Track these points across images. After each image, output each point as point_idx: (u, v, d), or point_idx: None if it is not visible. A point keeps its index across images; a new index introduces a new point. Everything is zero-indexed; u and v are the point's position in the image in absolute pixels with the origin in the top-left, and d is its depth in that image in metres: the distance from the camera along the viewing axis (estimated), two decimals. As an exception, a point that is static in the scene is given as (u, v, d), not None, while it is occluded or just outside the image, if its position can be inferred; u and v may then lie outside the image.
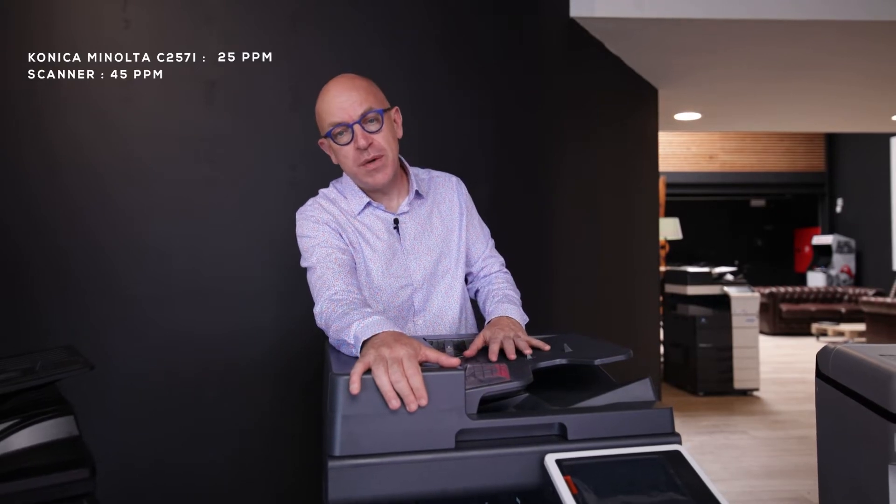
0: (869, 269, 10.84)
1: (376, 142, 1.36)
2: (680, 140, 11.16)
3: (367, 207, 1.45)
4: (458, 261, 1.50)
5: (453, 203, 1.53)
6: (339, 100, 1.35)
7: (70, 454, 1.18)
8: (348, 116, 1.34)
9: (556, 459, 0.87)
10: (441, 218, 1.50)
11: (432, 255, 1.46)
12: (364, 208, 1.44)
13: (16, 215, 2.17)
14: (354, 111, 1.34)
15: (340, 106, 1.34)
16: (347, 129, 1.35)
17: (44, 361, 1.34)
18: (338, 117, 1.35)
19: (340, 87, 1.36)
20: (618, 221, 3.91)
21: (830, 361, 1.22)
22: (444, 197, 1.53)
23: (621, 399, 0.99)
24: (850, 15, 3.23)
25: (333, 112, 1.35)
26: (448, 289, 1.47)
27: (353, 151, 1.36)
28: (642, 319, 4.23)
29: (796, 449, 3.90)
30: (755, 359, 5.53)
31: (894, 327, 6.71)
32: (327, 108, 1.36)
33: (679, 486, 0.84)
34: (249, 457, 2.28)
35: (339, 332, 1.13)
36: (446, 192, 1.54)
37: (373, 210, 1.45)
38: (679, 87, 4.49)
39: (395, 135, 1.43)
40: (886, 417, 1.00)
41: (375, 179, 1.39)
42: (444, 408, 0.89)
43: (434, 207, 1.51)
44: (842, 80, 4.43)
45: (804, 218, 12.92)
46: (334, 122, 1.35)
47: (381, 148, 1.37)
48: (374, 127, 1.36)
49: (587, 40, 3.47)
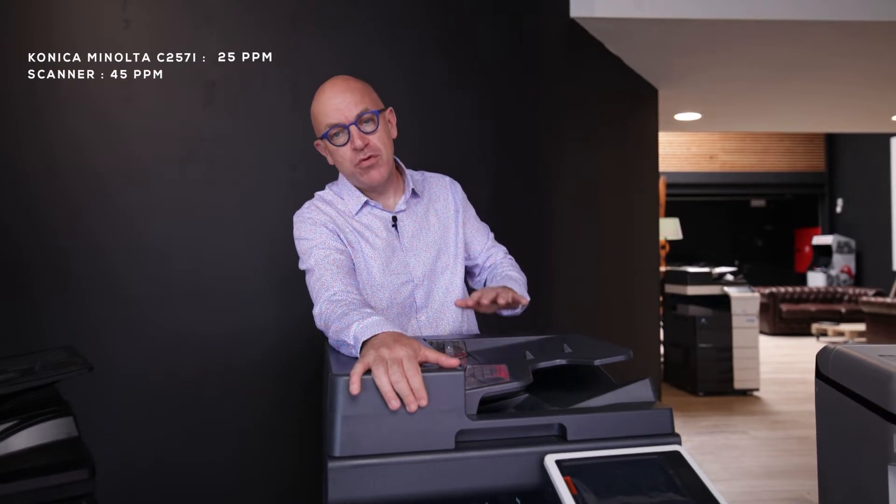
0: (869, 270, 10.84)
1: (372, 142, 1.38)
2: (680, 140, 11.16)
3: (365, 207, 1.47)
4: (456, 257, 1.52)
5: (448, 201, 1.56)
6: (334, 101, 1.37)
7: (69, 455, 1.18)
8: (344, 118, 1.36)
9: (555, 460, 0.87)
10: (437, 216, 1.53)
11: (431, 251, 1.48)
12: (362, 207, 1.46)
13: (15, 215, 2.17)
14: (350, 112, 1.36)
15: (336, 107, 1.36)
16: (344, 130, 1.37)
17: (43, 362, 1.34)
18: (334, 118, 1.37)
19: (335, 88, 1.38)
20: (618, 222, 3.91)
21: (830, 362, 1.22)
22: (438, 195, 1.55)
23: (621, 399, 0.99)
24: (850, 15, 3.23)
25: (329, 113, 1.37)
26: (448, 284, 1.49)
27: (350, 152, 1.38)
28: (642, 319, 4.23)
29: (796, 449, 3.90)
30: (755, 359, 5.53)
31: (894, 327, 6.71)
32: (323, 110, 1.38)
33: (678, 487, 0.84)
34: (249, 457, 2.28)
35: (338, 333, 1.13)
36: (440, 190, 1.56)
37: (370, 209, 1.47)
38: (679, 87, 4.49)
39: (389, 135, 1.45)
40: (886, 418, 1.00)
41: (371, 177, 1.40)
42: (443, 408, 0.89)
43: (430, 206, 1.53)
44: (842, 81, 4.43)
45: (804, 218, 12.92)
46: (330, 124, 1.37)
47: (376, 148, 1.39)
48: (369, 127, 1.38)
49: (587, 40, 3.47)
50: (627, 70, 4.04)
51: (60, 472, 1.13)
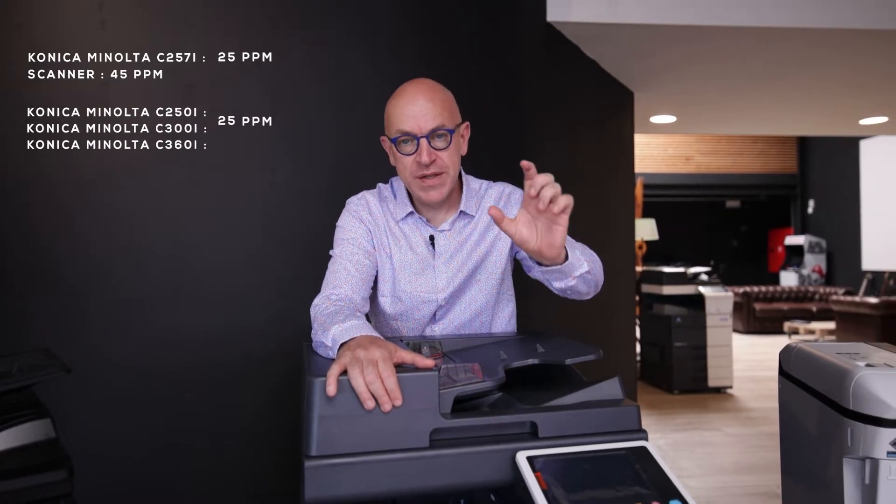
0: (839, 269, 11.10)
1: (440, 159, 1.32)
2: (657, 142, 11.32)
3: (410, 216, 1.43)
4: (491, 274, 1.43)
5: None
6: (411, 108, 1.30)
7: (47, 456, 1.18)
8: (418, 128, 1.30)
9: (526, 457, 0.89)
10: (483, 236, 1.43)
11: (463, 272, 1.42)
12: (406, 216, 1.43)
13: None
14: (426, 124, 1.30)
15: (412, 115, 1.30)
16: (413, 140, 1.31)
17: (20, 365, 1.34)
18: (406, 126, 1.30)
19: (417, 95, 1.31)
20: (595, 222, 3.96)
21: (792, 359, 1.27)
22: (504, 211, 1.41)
23: (591, 397, 1.02)
24: (820, 23, 3.32)
25: (403, 119, 1.31)
26: (471, 301, 1.43)
27: (414, 164, 1.32)
28: (619, 319, 4.29)
29: (767, 445, 3.99)
30: (729, 357, 5.65)
31: (863, 325, 6.88)
32: (398, 113, 1.32)
33: (645, 481, 0.88)
34: (228, 457, 2.28)
35: (318, 333, 1.15)
36: (510, 207, 1.45)
37: (415, 220, 1.43)
38: (654, 90, 4.56)
39: (459, 152, 1.39)
40: (842, 413, 1.05)
41: (430, 196, 1.35)
42: (418, 408, 0.91)
43: (478, 225, 1.44)
44: (813, 87, 4.54)
45: (777, 219, 13.18)
46: (402, 130, 1.31)
47: (443, 166, 1.33)
48: (441, 144, 1.32)
49: (564, 44, 3.51)
50: (604, 73, 4.09)
51: (38, 473, 1.13)
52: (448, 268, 1.42)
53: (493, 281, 1.45)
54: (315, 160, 2.39)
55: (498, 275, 1.44)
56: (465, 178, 1.48)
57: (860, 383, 1.02)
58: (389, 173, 1.56)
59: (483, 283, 1.44)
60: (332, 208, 1.54)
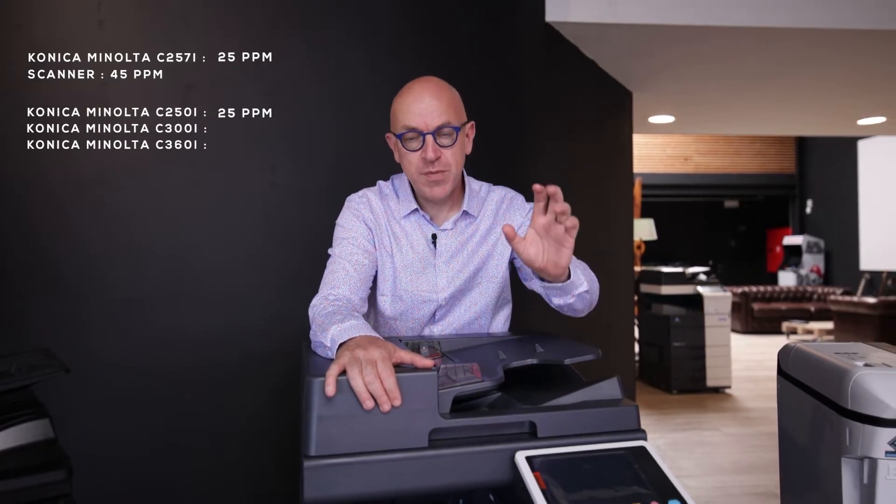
0: (837, 269, 11.11)
1: (445, 157, 1.33)
2: (655, 142, 11.33)
3: (413, 214, 1.43)
4: (492, 278, 1.44)
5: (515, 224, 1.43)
6: (418, 105, 1.32)
7: (46, 456, 1.18)
8: (424, 124, 1.31)
9: (526, 456, 0.89)
10: (484, 238, 1.44)
11: (465, 273, 1.42)
12: (409, 214, 1.43)
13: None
14: (432, 121, 1.31)
15: (419, 111, 1.31)
16: (419, 137, 1.32)
17: (19, 364, 1.34)
18: (413, 122, 1.32)
19: (423, 92, 1.33)
20: (593, 222, 3.96)
21: (790, 359, 1.27)
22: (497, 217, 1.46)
23: (590, 397, 1.02)
24: (819, 23, 3.33)
25: (409, 115, 1.32)
26: (472, 304, 1.44)
27: (419, 160, 1.34)
28: (617, 319, 4.29)
29: (766, 445, 3.99)
30: (727, 357, 5.65)
31: (861, 325, 6.89)
32: (404, 109, 1.33)
33: (643, 480, 0.88)
34: (228, 457, 2.28)
35: (317, 333, 1.15)
36: (511, 213, 1.46)
37: (418, 218, 1.43)
38: (653, 90, 4.56)
39: (464, 150, 1.40)
40: (840, 412, 1.05)
41: (434, 192, 1.36)
42: (417, 408, 0.91)
43: (480, 227, 1.45)
44: (811, 87, 4.55)
45: (776, 219, 13.19)
46: (408, 126, 1.32)
47: (447, 163, 1.34)
48: (446, 141, 1.33)
49: (563, 44, 3.51)
50: (602, 73, 4.10)
51: (37, 473, 1.13)
52: (449, 267, 1.42)
53: (494, 285, 1.45)
54: (315, 160, 2.39)
55: (499, 279, 1.45)
56: (466, 178, 1.49)
57: (858, 383, 1.02)
58: (389, 173, 1.56)
59: (484, 287, 1.44)
60: (332, 208, 1.54)
